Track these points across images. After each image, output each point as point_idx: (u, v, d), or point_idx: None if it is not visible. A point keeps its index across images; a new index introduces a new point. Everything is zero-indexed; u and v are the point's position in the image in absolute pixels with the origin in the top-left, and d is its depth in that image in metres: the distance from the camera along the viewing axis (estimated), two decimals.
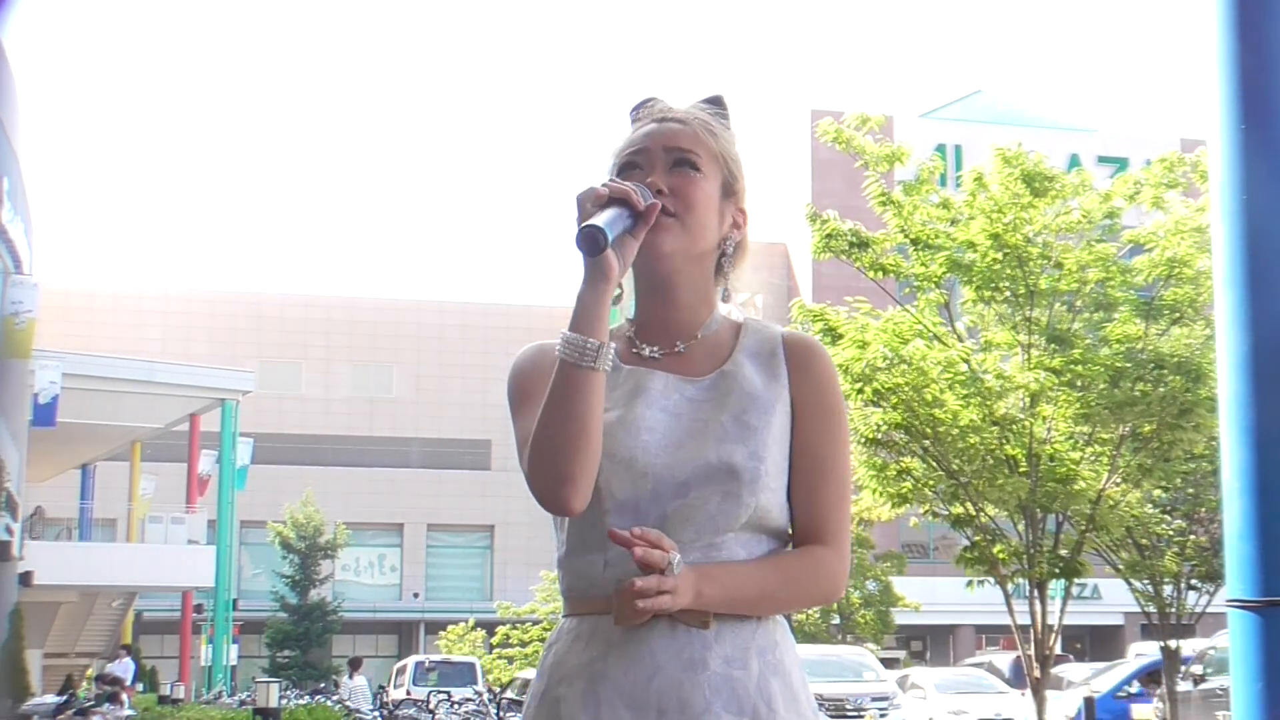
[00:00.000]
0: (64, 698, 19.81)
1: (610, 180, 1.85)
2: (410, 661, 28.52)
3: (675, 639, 1.82)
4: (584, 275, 1.80)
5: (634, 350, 1.98)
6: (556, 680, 1.87)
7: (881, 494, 13.69)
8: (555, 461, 1.81)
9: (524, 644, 36.56)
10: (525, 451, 1.87)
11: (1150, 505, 15.84)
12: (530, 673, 28.43)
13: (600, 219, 1.78)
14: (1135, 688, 20.45)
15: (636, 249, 1.85)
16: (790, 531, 1.95)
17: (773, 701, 1.83)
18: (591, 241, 1.75)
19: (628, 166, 1.96)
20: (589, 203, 1.80)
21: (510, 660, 36.63)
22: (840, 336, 13.00)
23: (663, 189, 1.91)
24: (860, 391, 12.84)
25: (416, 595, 49.69)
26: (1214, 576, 17.16)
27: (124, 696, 19.92)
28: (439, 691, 22.03)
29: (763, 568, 1.86)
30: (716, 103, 2.04)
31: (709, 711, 1.79)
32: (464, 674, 25.77)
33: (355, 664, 25.06)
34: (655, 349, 1.97)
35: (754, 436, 1.87)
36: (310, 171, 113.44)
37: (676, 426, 1.89)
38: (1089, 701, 17.20)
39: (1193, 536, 17.12)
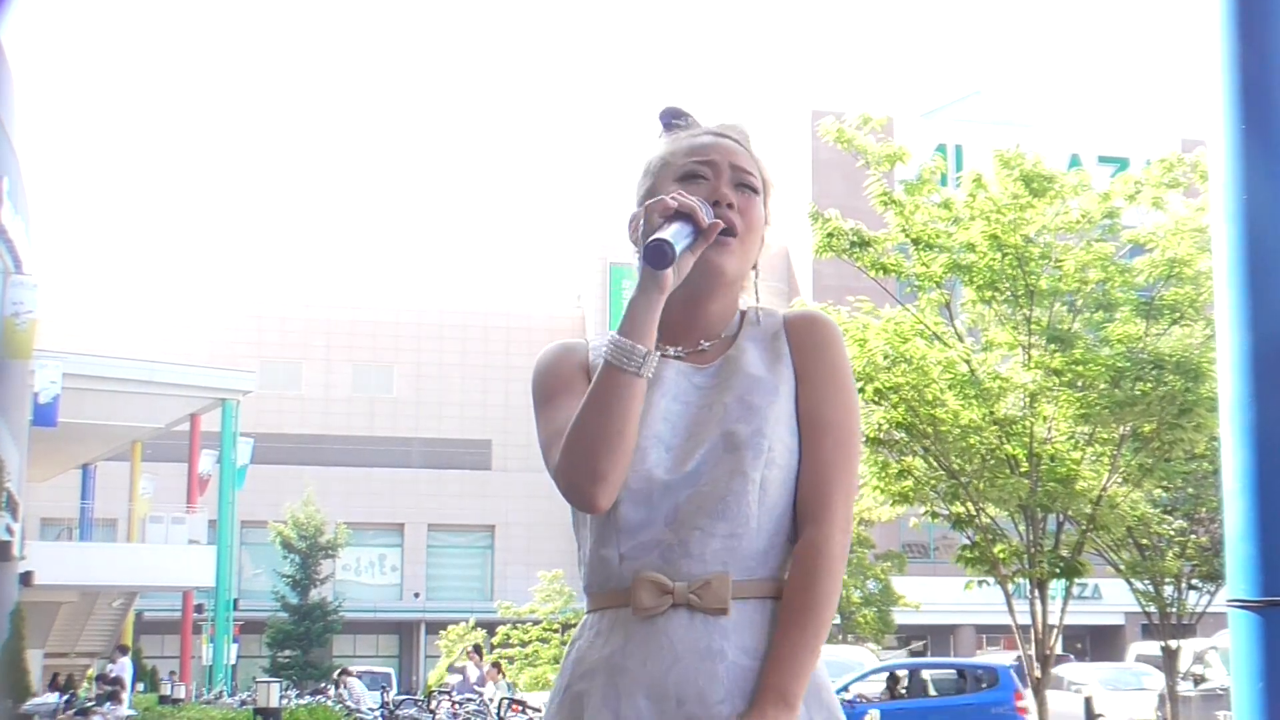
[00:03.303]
0: (65, 697, 19.83)
1: (676, 193, 1.87)
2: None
3: (693, 629, 1.83)
4: (639, 283, 1.84)
5: (659, 349, 1.99)
6: (578, 676, 1.89)
7: (883, 493, 13.71)
8: (589, 460, 1.83)
9: (524, 644, 36.58)
10: (554, 448, 1.88)
11: (1151, 505, 15.85)
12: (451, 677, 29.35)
13: (668, 232, 1.80)
14: (851, 695, 18.40)
15: (692, 263, 1.87)
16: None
17: None
18: (659, 255, 1.78)
19: (692, 176, 1.98)
20: (656, 214, 1.84)
21: (511, 660, 36.67)
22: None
23: (733, 203, 1.95)
24: (862, 391, 12.85)
25: (417, 595, 49.69)
26: (1214, 576, 17.17)
27: (124, 696, 19.95)
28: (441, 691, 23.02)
29: (796, 623, 1.83)
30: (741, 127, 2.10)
31: (727, 701, 1.80)
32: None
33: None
34: (679, 349, 2.00)
35: (757, 415, 1.89)
36: (311, 172, 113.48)
37: (686, 414, 1.92)
38: (1088, 702, 17.20)
39: (1193, 536, 17.12)
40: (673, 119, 2.08)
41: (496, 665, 20.64)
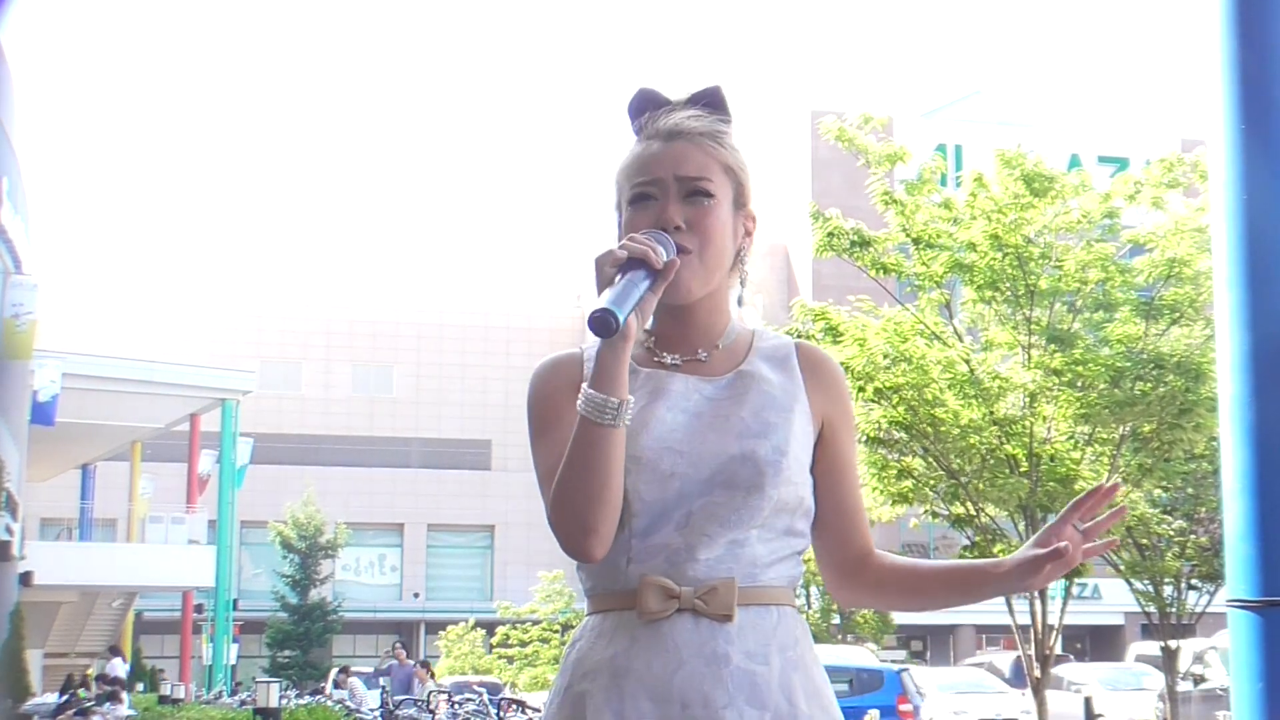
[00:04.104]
0: (65, 697, 19.84)
1: (627, 240, 1.84)
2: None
3: (698, 633, 1.83)
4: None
5: (655, 358, 1.98)
6: (580, 676, 1.88)
7: (883, 493, 13.70)
8: (578, 514, 1.82)
9: (524, 644, 36.59)
10: (547, 493, 1.87)
11: (1151, 505, 15.84)
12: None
13: (610, 298, 1.76)
14: None
15: (656, 302, 1.85)
16: (808, 529, 1.97)
17: (794, 697, 1.85)
18: (603, 326, 1.75)
19: (640, 199, 1.94)
20: (607, 265, 1.80)
21: (510, 660, 36.67)
22: (841, 335, 13.02)
23: (679, 224, 1.90)
24: (861, 390, 12.85)
25: (417, 595, 49.71)
26: (1214, 576, 17.17)
27: (124, 696, 19.96)
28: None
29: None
30: (714, 96, 2.01)
31: (731, 706, 1.81)
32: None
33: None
34: (676, 356, 1.97)
35: (775, 432, 1.90)
36: (311, 172, 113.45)
37: (698, 424, 1.90)
38: (1088, 702, 17.20)
39: (1193, 536, 17.12)
40: (637, 112, 2.01)
41: (425, 665, 20.65)
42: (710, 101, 2.01)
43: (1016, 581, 1.89)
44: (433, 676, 20.34)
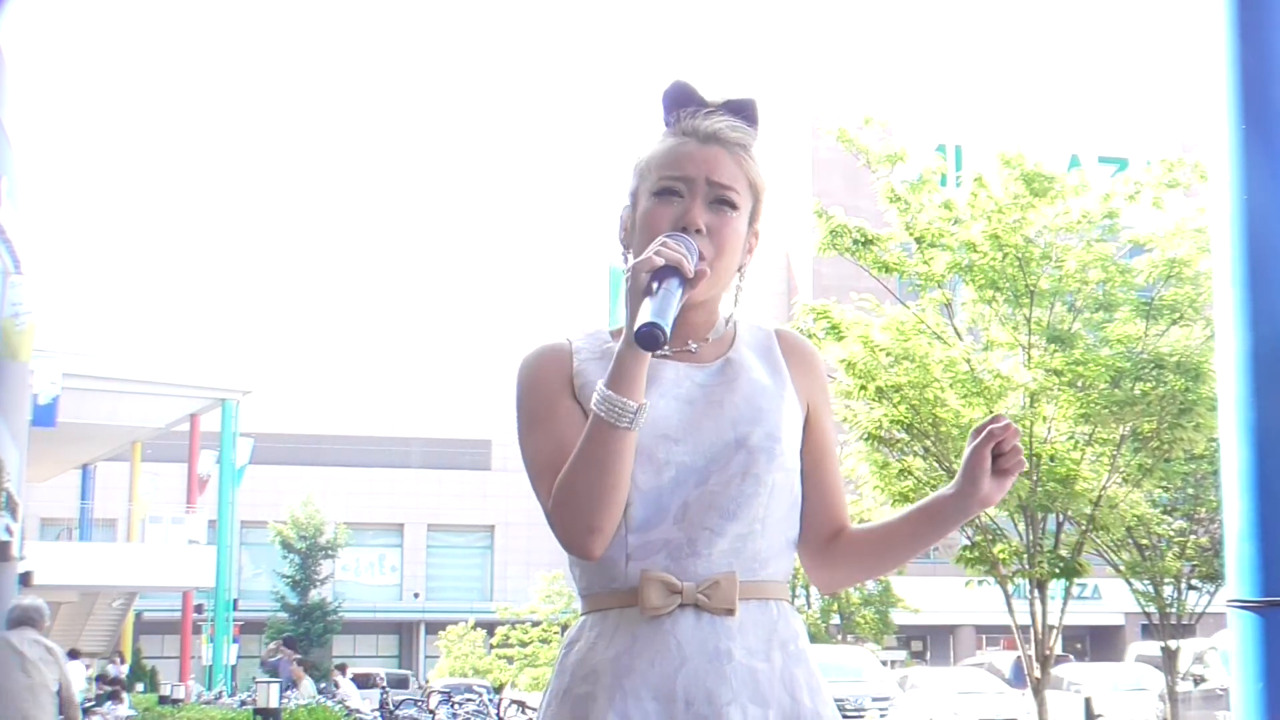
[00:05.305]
0: None
1: (662, 246, 1.83)
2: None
3: (700, 629, 1.83)
4: (625, 337, 1.80)
5: None
6: (581, 677, 1.87)
7: (883, 493, 13.71)
8: (584, 513, 1.82)
9: (524, 644, 36.61)
10: (542, 482, 1.87)
11: (1151, 505, 15.83)
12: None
13: (654, 309, 1.77)
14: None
15: (680, 308, 1.84)
16: (798, 519, 1.97)
17: (797, 692, 1.86)
18: (653, 340, 1.76)
19: (666, 193, 1.94)
20: (643, 272, 1.80)
21: (510, 660, 36.68)
22: (843, 334, 13.03)
23: (700, 228, 1.91)
24: (863, 389, 12.85)
25: (417, 595, 49.71)
26: (1214, 576, 17.15)
27: (124, 695, 19.96)
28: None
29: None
30: (751, 110, 2.02)
31: (735, 703, 1.81)
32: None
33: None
34: (666, 349, 1.96)
35: (767, 418, 1.91)
36: (311, 172, 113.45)
37: (691, 412, 1.91)
38: (1088, 702, 17.20)
39: (1193, 536, 17.11)
40: (675, 106, 2.01)
41: (302, 662, 20.58)
42: (748, 114, 2.03)
43: (969, 488, 1.84)
44: (306, 672, 20.39)
